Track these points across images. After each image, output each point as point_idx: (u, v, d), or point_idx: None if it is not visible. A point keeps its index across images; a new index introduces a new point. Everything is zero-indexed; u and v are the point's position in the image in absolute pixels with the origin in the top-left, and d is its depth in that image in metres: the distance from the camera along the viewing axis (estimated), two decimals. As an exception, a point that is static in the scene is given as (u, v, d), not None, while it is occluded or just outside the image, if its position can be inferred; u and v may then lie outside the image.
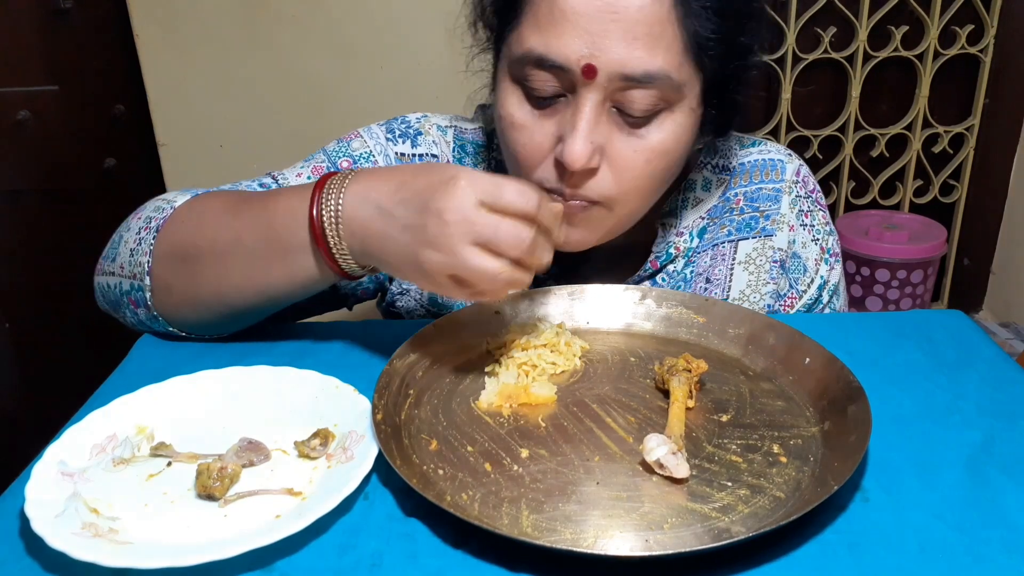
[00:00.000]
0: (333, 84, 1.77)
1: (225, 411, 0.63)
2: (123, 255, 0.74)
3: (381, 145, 0.87)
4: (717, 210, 0.88)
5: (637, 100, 0.68)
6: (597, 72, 0.67)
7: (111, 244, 0.78)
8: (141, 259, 0.72)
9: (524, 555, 0.49)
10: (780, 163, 0.90)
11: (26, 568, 0.49)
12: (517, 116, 0.72)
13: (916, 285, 1.98)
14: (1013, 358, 0.72)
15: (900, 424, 0.61)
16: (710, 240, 0.88)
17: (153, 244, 0.71)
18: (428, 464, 0.57)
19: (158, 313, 0.73)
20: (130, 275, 0.73)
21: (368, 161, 0.85)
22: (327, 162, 0.85)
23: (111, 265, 0.76)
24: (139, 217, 0.76)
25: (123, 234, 0.76)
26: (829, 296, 0.91)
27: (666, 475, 0.54)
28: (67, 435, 0.58)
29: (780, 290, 0.89)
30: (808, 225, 0.89)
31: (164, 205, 0.75)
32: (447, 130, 0.89)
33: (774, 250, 0.88)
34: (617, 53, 0.66)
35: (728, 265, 0.87)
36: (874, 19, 1.89)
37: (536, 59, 0.68)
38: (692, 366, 0.63)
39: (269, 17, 1.71)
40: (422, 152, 0.87)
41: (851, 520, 0.52)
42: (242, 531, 0.51)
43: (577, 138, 0.68)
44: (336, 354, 0.72)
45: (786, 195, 0.89)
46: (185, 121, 1.77)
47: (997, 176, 2.11)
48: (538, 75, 0.69)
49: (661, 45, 0.67)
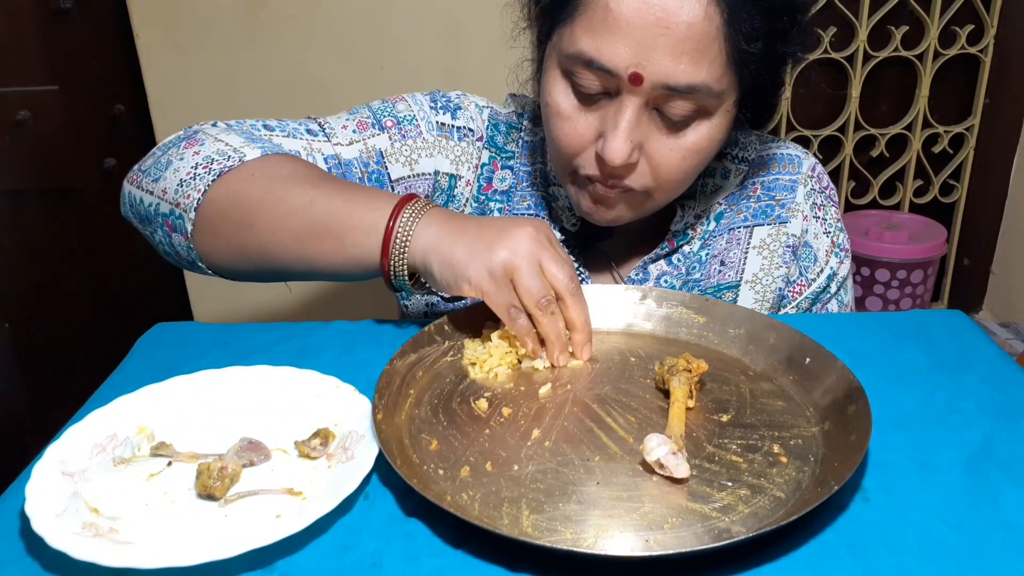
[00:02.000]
0: (333, 84, 1.77)
1: (225, 411, 0.63)
2: (169, 180, 0.75)
3: (424, 112, 0.89)
4: (735, 197, 0.91)
5: (677, 108, 0.72)
6: (643, 80, 0.70)
7: (154, 161, 0.78)
8: (192, 193, 0.73)
9: (524, 555, 0.49)
10: (797, 158, 0.93)
11: (26, 568, 0.49)
12: (563, 106, 0.75)
13: (916, 285, 1.98)
14: (1013, 358, 0.72)
15: (900, 424, 0.61)
16: (726, 224, 0.90)
17: (211, 185, 0.72)
18: (428, 464, 0.57)
19: (195, 246, 0.74)
20: (173, 202, 0.74)
21: (411, 124, 0.88)
22: (372, 118, 0.88)
23: (151, 183, 0.77)
24: (196, 151, 0.76)
25: (172, 159, 0.76)
26: (837, 287, 0.92)
27: (666, 475, 0.54)
28: (67, 435, 0.58)
29: (790, 276, 0.90)
30: (821, 218, 0.92)
31: (229, 152, 0.75)
32: (483, 109, 0.93)
33: (788, 236, 0.90)
34: (664, 65, 0.69)
35: (743, 249, 0.90)
36: (874, 19, 1.89)
37: (586, 60, 0.71)
38: (692, 366, 0.63)
39: (269, 17, 1.71)
40: (461, 124, 0.90)
41: (851, 520, 0.52)
42: (242, 531, 0.51)
43: (618, 137, 0.72)
44: (336, 354, 0.72)
45: (802, 186, 0.91)
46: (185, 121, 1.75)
47: (997, 176, 2.11)
48: (586, 74, 0.72)
49: (706, 59, 0.69)
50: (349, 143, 0.86)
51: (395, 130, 0.87)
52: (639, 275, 0.89)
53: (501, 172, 0.91)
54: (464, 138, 0.90)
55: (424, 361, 0.68)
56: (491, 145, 0.91)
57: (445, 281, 0.67)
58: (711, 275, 0.89)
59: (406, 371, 0.65)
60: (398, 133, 0.87)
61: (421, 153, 0.88)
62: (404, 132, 0.87)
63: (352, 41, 1.74)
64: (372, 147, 0.86)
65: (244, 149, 0.76)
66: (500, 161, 0.91)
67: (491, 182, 0.90)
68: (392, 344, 0.66)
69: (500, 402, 0.64)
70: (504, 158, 0.91)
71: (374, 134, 0.87)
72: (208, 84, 1.75)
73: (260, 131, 0.83)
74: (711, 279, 0.89)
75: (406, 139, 0.87)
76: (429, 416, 0.62)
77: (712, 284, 0.89)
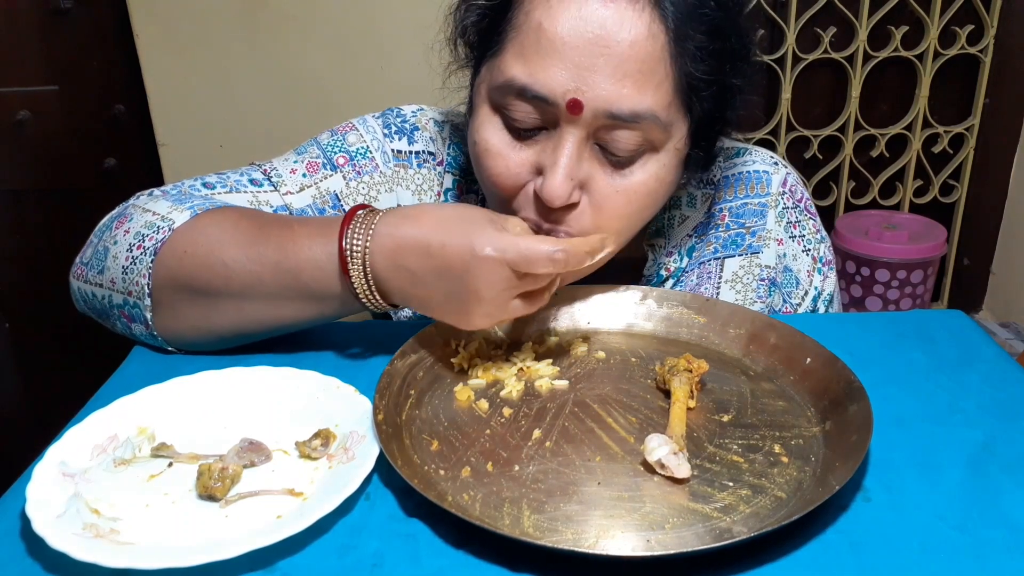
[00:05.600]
0: (333, 84, 1.77)
1: (226, 411, 0.63)
2: (113, 269, 0.70)
3: (379, 141, 0.84)
4: (703, 227, 0.86)
5: (622, 140, 0.66)
6: (583, 108, 0.64)
7: (94, 252, 0.73)
8: (139, 279, 0.68)
9: (525, 555, 0.49)
10: (766, 175, 0.87)
11: (27, 569, 0.49)
12: (493, 143, 0.69)
13: (916, 285, 1.99)
14: (1013, 358, 0.72)
15: (901, 424, 0.61)
16: (696, 258, 0.86)
17: (152, 267, 0.68)
18: (429, 464, 0.57)
19: (159, 333, 0.71)
20: (124, 291, 0.70)
21: (365, 157, 0.83)
22: (322, 157, 0.82)
23: (97, 276, 0.72)
24: (126, 230, 0.71)
25: (108, 246, 0.71)
26: (825, 307, 0.90)
27: (667, 475, 0.54)
28: (68, 436, 0.58)
29: (774, 306, 0.87)
30: (798, 236, 0.88)
31: (157, 222, 0.70)
32: (443, 125, 0.87)
33: (761, 268, 0.86)
34: (605, 89, 0.63)
35: (715, 283, 0.85)
36: (874, 19, 1.89)
37: (519, 89, 0.65)
38: (693, 366, 0.63)
39: (269, 17, 1.71)
40: (419, 149, 0.85)
41: (852, 520, 0.52)
42: (243, 531, 0.51)
43: (557, 175, 0.65)
44: (337, 354, 0.72)
45: (772, 209, 0.87)
46: (185, 121, 1.77)
47: (997, 176, 2.11)
48: (520, 106, 0.66)
49: (651, 84, 0.64)
50: (300, 189, 0.80)
51: (348, 167, 0.81)
52: None
53: (465, 197, 0.85)
54: (424, 164, 0.84)
55: (424, 361, 0.68)
56: (453, 167, 0.85)
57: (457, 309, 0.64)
58: None
59: (407, 371, 0.65)
60: (352, 171, 0.81)
61: (380, 189, 0.82)
62: (359, 168, 0.81)
63: (352, 41, 1.74)
64: (326, 191, 0.80)
65: (172, 215, 0.69)
66: (464, 184, 0.85)
67: None
68: (392, 344, 0.66)
69: (501, 402, 0.64)
70: (469, 181, 0.85)
71: (326, 175, 0.81)
72: (208, 84, 1.75)
73: (200, 191, 0.78)
74: None
75: (362, 176, 0.81)
76: (430, 416, 0.62)
77: None
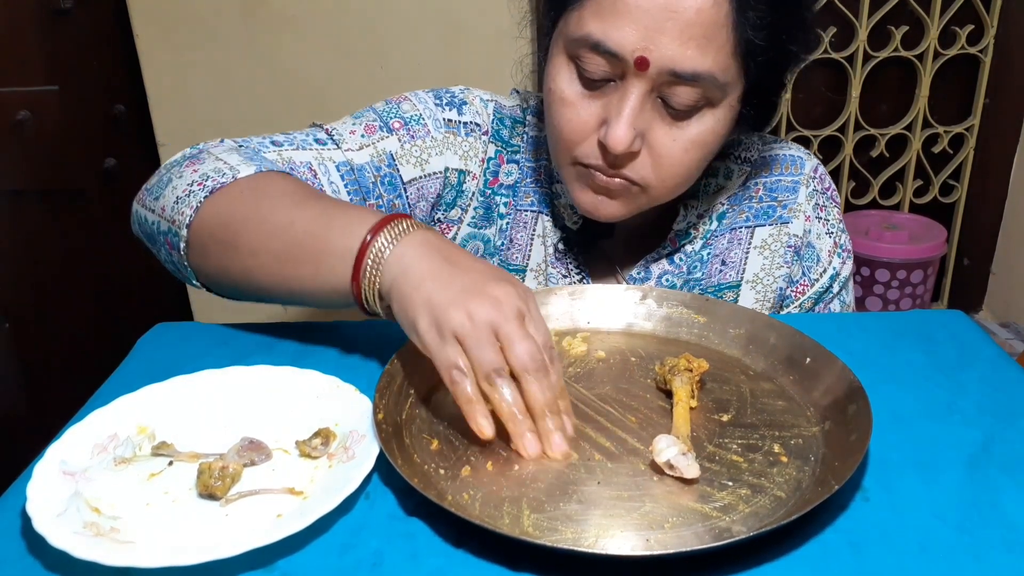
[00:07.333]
0: (333, 84, 1.77)
1: (226, 410, 0.63)
2: (167, 198, 0.75)
3: (430, 110, 0.89)
4: (737, 197, 0.91)
5: (682, 95, 0.72)
6: (649, 65, 0.70)
7: (158, 179, 0.78)
8: (185, 210, 0.72)
9: (525, 554, 0.49)
10: (800, 159, 0.93)
11: (27, 567, 0.49)
12: (567, 92, 0.75)
13: (916, 285, 1.99)
14: (1013, 358, 0.72)
15: (901, 424, 0.61)
16: (728, 224, 0.91)
17: (202, 203, 0.71)
18: (429, 463, 0.57)
19: (189, 264, 0.74)
20: (170, 219, 0.74)
21: (418, 124, 0.87)
22: (379, 121, 0.87)
23: (153, 202, 0.77)
24: (195, 169, 0.75)
25: (173, 178, 0.76)
26: (840, 287, 0.93)
27: (676, 476, 0.54)
28: (68, 434, 0.58)
29: (793, 276, 0.91)
30: (823, 219, 0.92)
31: (225, 169, 0.74)
32: (488, 103, 0.92)
33: (790, 236, 0.90)
34: (670, 50, 0.69)
35: (744, 249, 0.90)
36: (874, 19, 1.89)
37: (593, 43, 0.71)
38: (693, 366, 0.63)
39: (268, 17, 1.71)
40: (467, 120, 0.89)
41: (852, 520, 0.52)
42: (243, 530, 0.51)
43: (621, 124, 0.72)
44: (337, 354, 0.72)
45: (804, 187, 0.91)
46: (185, 121, 1.77)
47: (997, 176, 2.11)
48: (592, 58, 0.72)
49: (712, 47, 0.69)
50: (359, 148, 0.85)
51: (403, 131, 0.87)
52: (641, 274, 0.89)
53: (507, 166, 0.91)
54: (471, 133, 0.89)
55: (425, 361, 0.67)
56: (497, 139, 0.91)
57: (400, 323, 0.61)
58: (712, 275, 0.89)
59: (407, 371, 0.65)
60: (407, 134, 0.87)
61: (431, 152, 0.87)
62: (412, 132, 0.87)
63: (352, 40, 1.74)
64: (382, 150, 0.86)
65: (240, 167, 0.74)
66: (506, 155, 0.91)
67: (497, 176, 0.90)
68: (392, 344, 0.66)
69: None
70: (510, 152, 0.91)
71: (383, 137, 0.86)
72: (208, 84, 1.75)
73: (268, 148, 0.83)
74: (712, 278, 0.89)
75: (415, 139, 0.87)
76: (430, 416, 0.62)
77: (713, 283, 0.89)
